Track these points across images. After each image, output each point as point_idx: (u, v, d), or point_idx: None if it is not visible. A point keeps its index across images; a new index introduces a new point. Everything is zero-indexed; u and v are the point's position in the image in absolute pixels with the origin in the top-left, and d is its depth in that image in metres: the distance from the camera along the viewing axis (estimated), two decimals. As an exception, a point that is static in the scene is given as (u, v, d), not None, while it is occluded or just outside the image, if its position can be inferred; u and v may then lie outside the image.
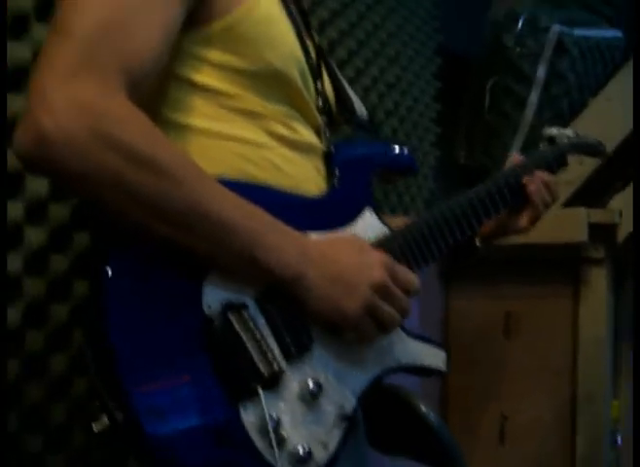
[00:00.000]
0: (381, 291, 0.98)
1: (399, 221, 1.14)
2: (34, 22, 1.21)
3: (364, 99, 1.39)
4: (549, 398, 2.27)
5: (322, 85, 1.13)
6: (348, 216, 1.06)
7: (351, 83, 1.57)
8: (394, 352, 1.05)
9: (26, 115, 0.85)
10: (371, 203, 1.09)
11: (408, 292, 1.00)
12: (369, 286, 0.97)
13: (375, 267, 0.98)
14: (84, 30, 0.87)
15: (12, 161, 1.11)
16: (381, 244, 1.05)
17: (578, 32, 2.56)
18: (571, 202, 2.37)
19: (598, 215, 2.19)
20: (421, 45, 2.41)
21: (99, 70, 0.86)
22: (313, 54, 1.12)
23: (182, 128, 1.00)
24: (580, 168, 2.36)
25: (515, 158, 1.30)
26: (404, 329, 1.07)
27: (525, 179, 1.24)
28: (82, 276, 1.27)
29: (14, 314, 1.17)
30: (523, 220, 1.25)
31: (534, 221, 1.26)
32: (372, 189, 1.10)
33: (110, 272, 0.87)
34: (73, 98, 0.84)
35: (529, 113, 2.47)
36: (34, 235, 1.21)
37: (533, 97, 2.46)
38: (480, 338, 2.41)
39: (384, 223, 1.09)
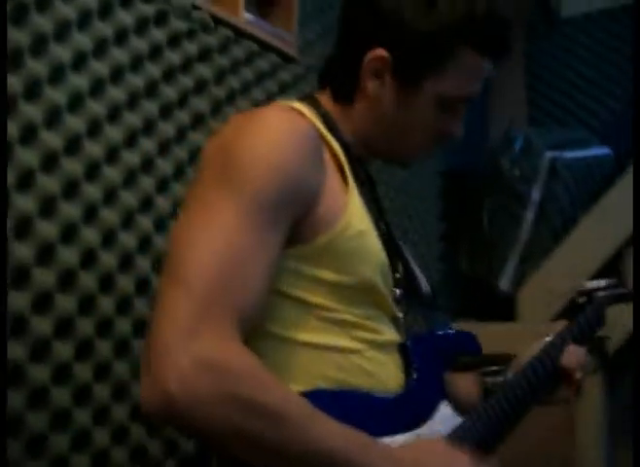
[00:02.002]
0: None
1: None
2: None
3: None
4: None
5: (399, 274, 1.18)
6: (429, 411, 1.12)
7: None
8: None
9: (152, 371, 0.89)
10: (445, 396, 1.15)
11: None
12: None
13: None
14: (200, 283, 0.92)
15: (18, 253, 1.21)
16: (459, 437, 1.09)
17: (568, 155, 2.73)
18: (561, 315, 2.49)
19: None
20: (422, 166, 2.60)
21: (218, 324, 0.91)
22: (388, 240, 1.18)
23: (282, 341, 1.05)
24: (572, 282, 2.52)
25: (559, 325, 1.33)
26: None
27: (562, 362, 1.25)
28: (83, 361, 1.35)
29: (18, 400, 1.22)
30: (557, 400, 1.30)
31: (568, 402, 1.32)
32: (444, 381, 1.16)
33: None
34: (197, 357, 0.88)
35: (525, 230, 2.63)
36: (39, 325, 1.27)
37: (528, 216, 2.63)
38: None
39: (458, 414, 1.14)
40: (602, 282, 1.47)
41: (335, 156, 1.13)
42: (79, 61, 1.37)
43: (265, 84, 1.90)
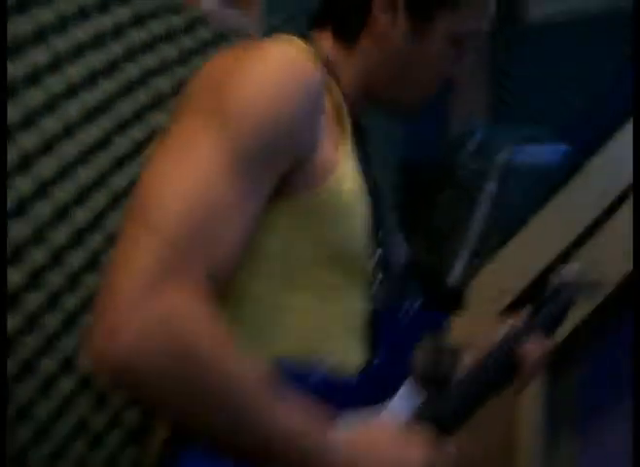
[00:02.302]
0: None
1: None
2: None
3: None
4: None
5: (379, 240, 1.11)
6: (393, 388, 1.08)
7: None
8: None
9: (106, 325, 0.79)
10: (409, 374, 1.10)
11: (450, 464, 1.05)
12: None
13: (421, 453, 1.01)
14: (169, 230, 0.81)
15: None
16: (419, 416, 1.07)
17: (524, 153, 2.78)
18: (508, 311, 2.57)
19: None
20: (380, 158, 2.63)
21: (186, 279, 0.81)
22: (374, 203, 1.10)
23: (246, 298, 0.97)
24: (520, 279, 2.58)
25: (516, 318, 1.28)
26: None
27: (521, 350, 1.21)
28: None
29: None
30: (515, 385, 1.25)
31: (519, 391, 1.26)
32: (409, 361, 1.11)
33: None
34: (162, 314, 0.79)
35: (477, 226, 2.67)
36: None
37: (480, 213, 2.67)
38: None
39: (418, 394, 1.09)
40: (575, 267, 1.40)
41: (335, 104, 1.04)
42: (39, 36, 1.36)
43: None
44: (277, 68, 0.93)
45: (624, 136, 2.62)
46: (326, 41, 1.11)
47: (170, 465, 0.92)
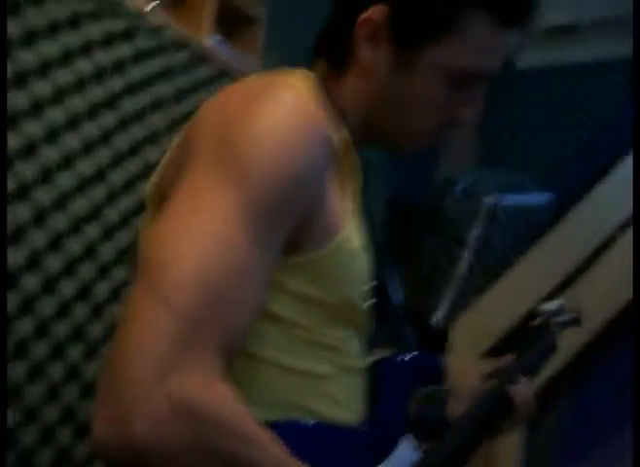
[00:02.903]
0: None
1: None
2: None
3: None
4: None
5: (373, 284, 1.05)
6: (392, 445, 1.04)
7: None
8: None
9: (115, 406, 0.72)
10: (407, 429, 1.06)
11: None
12: None
13: None
14: (184, 299, 0.75)
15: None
16: None
17: (508, 200, 2.82)
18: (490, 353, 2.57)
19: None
20: (373, 198, 2.65)
21: (203, 356, 0.75)
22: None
23: (252, 359, 0.92)
24: (501, 322, 2.61)
25: (504, 362, 1.27)
26: None
27: (512, 393, 1.20)
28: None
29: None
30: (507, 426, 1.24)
31: (504, 433, 1.25)
32: (408, 412, 1.08)
33: None
34: (175, 398, 0.72)
35: (461, 269, 2.70)
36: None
37: (465, 256, 2.70)
38: None
39: (416, 448, 1.06)
40: (556, 303, 1.40)
41: (344, 155, 0.98)
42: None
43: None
44: (290, 120, 0.88)
45: (609, 184, 2.67)
46: (323, 73, 1.05)
47: None
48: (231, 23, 2.00)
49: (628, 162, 2.65)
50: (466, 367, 1.31)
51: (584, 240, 2.63)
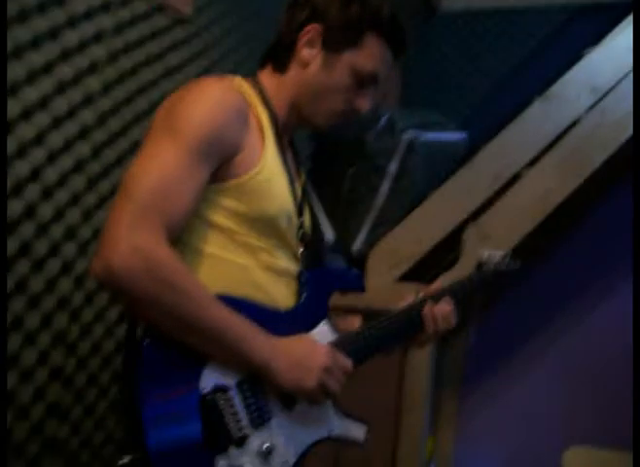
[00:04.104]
0: (328, 371, 1.34)
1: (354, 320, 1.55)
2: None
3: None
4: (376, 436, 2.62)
5: (304, 220, 1.50)
6: (309, 326, 1.42)
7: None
8: (329, 425, 1.42)
9: (100, 252, 1.20)
10: (326, 316, 1.44)
11: (345, 372, 1.37)
12: (320, 368, 1.33)
13: (324, 355, 1.34)
14: (140, 197, 1.23)
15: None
16: (332, 345, 1.40)
17: (426, 135, 2.95)
18: (406, 276, 2.76)
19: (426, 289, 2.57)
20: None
21: (152, 225, 1.22)
22: (299, 193, 1.49)
23: (197, 252, 1.35)
24: (417, 248, 2.79)
25: (436, 285, 1.61)
26: (337, 408, 1.43)
27: (425, 310, 1.54)
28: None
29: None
30: (417, 341, 1.58)
31: (424, 344, 1.59)
32: (328, 305, 1.45)
33: (148, 346, 1.25)
34: (134, 246, 1.19)
35: (380, 199, 2.84)
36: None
37: (384, 187, 2.84)
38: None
39: (335, 331, 1.43)
40: (499, 253, 1.71)
41: (259, 120, 1.41)
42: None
43: (161, 40, 2.08)
44: (210, 96, 1.33)
45: (517, 125, 2.81)
46: (265, 77, 1.49)
47: (137, 350, 1.26)
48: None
49: (535, 106, 2.83)
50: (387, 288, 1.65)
51: (493, 175, 2.78)
